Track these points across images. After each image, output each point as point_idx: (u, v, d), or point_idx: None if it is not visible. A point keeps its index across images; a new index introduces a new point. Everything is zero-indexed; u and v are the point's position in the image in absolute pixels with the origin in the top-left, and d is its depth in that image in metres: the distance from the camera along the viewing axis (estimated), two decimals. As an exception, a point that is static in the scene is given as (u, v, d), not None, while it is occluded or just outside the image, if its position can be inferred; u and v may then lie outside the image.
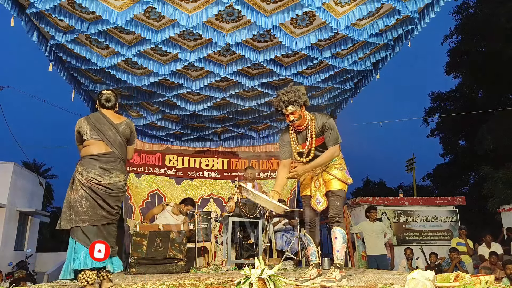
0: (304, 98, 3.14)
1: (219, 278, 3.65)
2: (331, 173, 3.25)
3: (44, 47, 4.77)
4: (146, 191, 6.87)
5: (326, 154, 3.15)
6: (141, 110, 6.56)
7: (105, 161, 2.90)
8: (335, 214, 3.17)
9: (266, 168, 7.46)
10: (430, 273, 2.07)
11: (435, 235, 10.49)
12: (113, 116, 3.10)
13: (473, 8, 17.63)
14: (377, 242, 6.76)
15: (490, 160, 15.47)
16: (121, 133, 3.02)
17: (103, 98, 3.14)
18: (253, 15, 4.14)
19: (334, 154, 3.18)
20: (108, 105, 3.13)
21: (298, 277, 3.23)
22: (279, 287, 2.19)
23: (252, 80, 5.70)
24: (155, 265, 4.83)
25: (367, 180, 30.30)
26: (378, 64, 5.63)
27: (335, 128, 3.19)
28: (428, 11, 4.31)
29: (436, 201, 10.99)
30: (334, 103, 6.95)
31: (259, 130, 7.65)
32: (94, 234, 2.76)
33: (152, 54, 5.09)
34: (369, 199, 10.64)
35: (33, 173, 13.92)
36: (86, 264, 2.68)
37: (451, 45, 18.98)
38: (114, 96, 3.19)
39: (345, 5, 4.25)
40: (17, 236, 12.90)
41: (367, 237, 6.87)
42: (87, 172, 2.83)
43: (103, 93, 3.20)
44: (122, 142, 3.01)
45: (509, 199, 11.46)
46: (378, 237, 6.79)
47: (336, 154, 3.20)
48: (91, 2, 3.94)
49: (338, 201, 3.21)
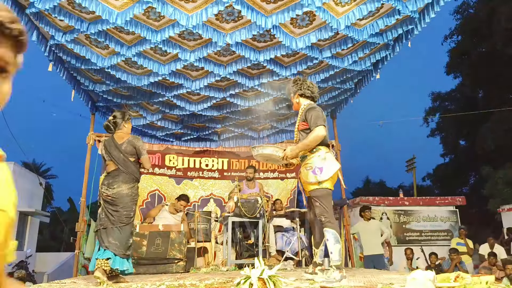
0: (296, 88, 3.56)
1: (219, 278, 3.65)
2: (301, 174, 3.40)
3: (44, 47, 4.77)
4: (146, 191, 6.87)
5: (310, 135, 3.30)
6: (141, 110, 6.56)
7: (112, 176, 3.62)
8: (319, 215, 3.22)
9: (266, 168, 7.46)
10: (430, 273, 2.07)
11: (435, 235, 10.48)
12: (118, 138, 3.75)
13: (473, 8, 17.64)
14: (373, 242, 6.73)
15: (490, 160, 15.47)
16: (123, 151, 3.66)
17: (111, 124, 3.79)
18: (253, 15, 4.14)
19: (318, 136, 3.26)
20: (115, 130, 3.79)
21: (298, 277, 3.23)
22: (279, 287, 2.18)
23: (252, 80, 5.70)
24: (155, 265, 4.83)
25: (367, 180, 30.34)
26: (378, 64, 5.63)
27: (316, 112, 3.36)
28: (428, 11, 4.30)
29: (436, 201, 10.98)
30: (334, 103, 6.95)
31: (259, 130, 7.65)
32: (105, 235, 3.48)
33: (152, 54, 5.08)
34: (369, 199, 10.64)
35: (33, 173, 13.92)
36: (98, 255, 3.46)
37: (451, 45, 19.00)
38: (120, 118, 3.80)
39: (345, 5, 4.25)
40: (17, 236, 12.89)
41: (363, 237, 6.86)
42: (101, 187, 3.64)
43: (110, 119, 3.83)
44: (125, 158, 3.65)
45: (509, 199, 11.45)
46: (374, 236, 6.76)
47: (319, 135, 3.27)
48: (91, 2, 3.94)
49: (316, 202, 3.23)
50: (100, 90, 5.86)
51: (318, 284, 2.80)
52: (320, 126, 3.27)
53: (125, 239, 3.50)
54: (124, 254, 3.46)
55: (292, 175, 7.42)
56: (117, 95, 6.15)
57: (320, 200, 3.21)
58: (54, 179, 26.66)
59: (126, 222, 3.52)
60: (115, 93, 6.10)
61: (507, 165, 12.79)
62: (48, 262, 13.95)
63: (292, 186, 7.41)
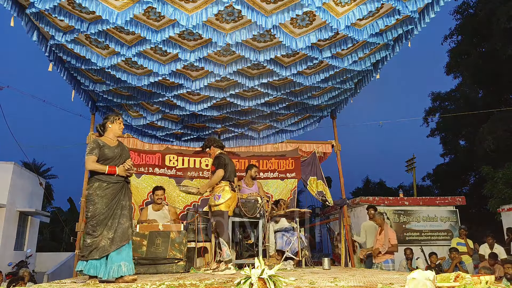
0: (211, 143, 5.20)
1: (219, 278, 3.65)
2: (210, 200, 4.95)
3: (44, 47, 4.77)
4: (146, 191, 6.86)
5: (213, 176, 4.87)
6: (141, 110, 6.55)
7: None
8: (215, 228, 4.79)
9: (266, 168, 7.45)
10: (430, 273, 2.07)
11: (435, 235, 10.49)
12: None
13: (473, 8, 17.64)
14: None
15: (490, 160, 15.47)
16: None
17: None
18: (253, 15, 4.14)
19: (217, 176, 4.79)
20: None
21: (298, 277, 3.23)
22: (279, 287, 2.18)
23: (252, 80, 5.70)
24: (155, 265, 4.83)
25: (367, 180, 30.30)
26: (378, 64, 5.63)
27: (219, 161, 4.88)
28: (428, 11, 4.31)
29: (436, 201, 10.99)
30: (334, 103, 6.95)
31: (259, 130, 7.65)
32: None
33: (152, 54, 5.08)
34: (369, 199, 10.65)
35: (33, 173, 13.92)
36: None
37: (451, 45, 18.99)
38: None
39: (345, 5, 4.25)
40: (17, 236, 12.89)
41: (370, 236, 6.85)
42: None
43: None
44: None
45: (509, 199, 11.45)
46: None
47: (218, 175, 4.79)
48: (91, 2, 3.94)
49: (213, 218, 4.83)
50: (100, 90, 5.86)
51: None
52: (220, 171, 4.81)
53: (83, 238, 3.51)
54: (79, 254, 3.48)
55: (292, 175, 7.42)
56: (117, 95, 6.15)
57: (216, 218, 4.78)
58: (54, 179, 26.64)
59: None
60: (115, 93, 6.10)
61: (507, 165, 12.78)
62: (48, 262, 13.96)
63: (292, 186, 7.41)
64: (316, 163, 7.42)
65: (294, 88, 6.04)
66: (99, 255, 3.41)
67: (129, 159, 3.77)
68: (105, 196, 3.54)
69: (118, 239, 3.52)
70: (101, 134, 3.85)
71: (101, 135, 3.84)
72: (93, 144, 3.65)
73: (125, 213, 3.64)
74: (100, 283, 3.35)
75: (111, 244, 3.47)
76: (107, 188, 3.56)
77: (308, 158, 7.51)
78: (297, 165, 7.43)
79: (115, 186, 3.61)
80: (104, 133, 3.84)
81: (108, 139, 3.79)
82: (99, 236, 3.45)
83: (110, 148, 3.72)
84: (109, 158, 3.65)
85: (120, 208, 3.62)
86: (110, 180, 3.59)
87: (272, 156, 7.52)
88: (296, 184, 7.45)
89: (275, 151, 7.57)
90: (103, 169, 3.57)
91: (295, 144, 7.60)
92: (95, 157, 3.59)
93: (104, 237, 3.46)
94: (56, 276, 11.46)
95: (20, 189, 12.84)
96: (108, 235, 3.48)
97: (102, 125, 3.86)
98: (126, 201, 3.70)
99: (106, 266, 3.45)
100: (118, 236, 3.53)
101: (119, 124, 3.86)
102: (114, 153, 3.70)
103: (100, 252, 3.42)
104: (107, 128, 3.82)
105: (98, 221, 3.47)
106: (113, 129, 3.82)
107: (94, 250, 3.41)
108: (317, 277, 3.61)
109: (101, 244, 3.44)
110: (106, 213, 3.52)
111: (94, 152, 3.59)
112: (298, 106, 6.76)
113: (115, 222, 3.55)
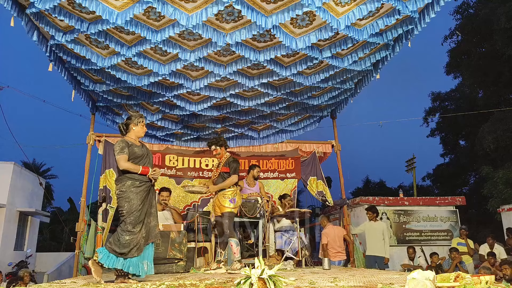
0: (224, 144, 5.10)
1: (219, 278, 3.65)
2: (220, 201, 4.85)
3: (44, 47, 4.77)
4: (146, 191, 6.86)
5: (227, 180, 4.87)
6: (141, 110, 6.55)
7: None
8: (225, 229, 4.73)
9: (266, 168, 7.45)
10: (430, 273, 2.07)
11: (435, 235, 10.48)
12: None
13: (473, 8, 17.62)
14: (378, 243, 6.73)
15: (490, 160, 15.46)
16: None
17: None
18: (253, 15, 4.14)
19: (231, 181, 4.85)
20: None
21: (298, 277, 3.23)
22: (279, 287, 2.18)
23: (252, 80, 5.70)
24: (155, 265, 4.81)
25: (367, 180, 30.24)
26: (378, 64, 5.63)
27: (236, 165, 4.93)
28: (428, 11, 4.30)
29: (436, 201, 10.97)
30: (334, 103, 6.95)
31: (259, 130, 7.65)
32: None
33: (152, 54, 5.08)
34: (369, 199, 10.64)
35: (33, 173, 13.93)
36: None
37: (451, 45, 18.98)
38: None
39: (345, 5, 4.25)
40: (17, 236, 12.90)
41: (369, 237, 6.85)
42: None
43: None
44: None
45: (509, 199, 11.44)
46: (379, 237, 6.75)
47: (232, 181, 4.85)
48: (91, 2, 3.94)
49: (225, 220, 4.76)
50: (100, 90, 5.86)
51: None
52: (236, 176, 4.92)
53: (117, 235, 3.46)
54: (112, 250, 3.40)
55: (292, 175, 7.42)
56: (117, 95, 6.15)
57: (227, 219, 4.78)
58: (54, 179, 26.63)
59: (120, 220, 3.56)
60: (115, 93, 6.10)
61: (507, 165, 12.77)
62: (48, 262, 13.95)
63: (292, 186, 7.41)
64: (316, 163, 7.42)
65: (294, 88, 6.04)
66: (138, 253, 3.47)
67: (158, 169, 3.82)
68: (139, 193, 3.57)
69: (148, 237, 3.58)
70: (123, 134, 3.83)
71: (124, 134, 3.82)
72: (122, 144, 3.65)
73: (154, 212, 3.69)
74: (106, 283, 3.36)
75: (144, 242, 3.54)
76: (140, 186, 3.60)
77: (308, 158, 7.51)
78: (297, 165, 7.43)
79: (146, 184, 3.66)
80: (126, 133, 3.81)
81: (132, 139, 3.77)
82: (138, 233, 3.48)
83: (138, 147, 3.74)
84: (139, 157, 3.67)
85: (150, 206, 3.66)
86: (143, 179, 3.64)
87: (272, 156, 7.52)
88: (296, 184, 7.45)
89: (275, 151, 7.57)
90: (137, 169, 3.59)
91: (295, 144, 7.60)
92: (127, 155, 3.60)
93: (142, 234, 3.51)
94: (56, 276, 11.45)
95: (20, 189, 12.85)
96: (143, 232, 3.53)
97: (126, 125, 3.82)
98: (154, 200, 3.76)
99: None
100: (149, 234, 3.58)
101: (142, 126, 3.84)
102: (142, 151, 3.73)
103: (139, 250, 3.48)
104: (131, 129, 3.79)
105: (135, 218, 3.49)
106: (136, 131, 3.81)
107: (134, 248, 3.44)
108: (317, 277, 3.61)
109: (141, 242, 3.50)
110: (141, 210, 3.55)
111: (125, 151, 3.60)
112: (298, 106, 6.76)
113: (147, 220, 3.61)
